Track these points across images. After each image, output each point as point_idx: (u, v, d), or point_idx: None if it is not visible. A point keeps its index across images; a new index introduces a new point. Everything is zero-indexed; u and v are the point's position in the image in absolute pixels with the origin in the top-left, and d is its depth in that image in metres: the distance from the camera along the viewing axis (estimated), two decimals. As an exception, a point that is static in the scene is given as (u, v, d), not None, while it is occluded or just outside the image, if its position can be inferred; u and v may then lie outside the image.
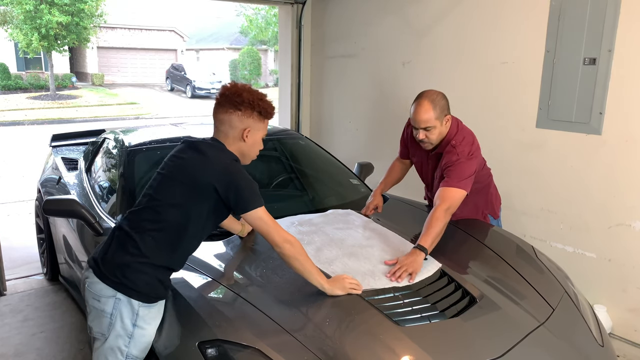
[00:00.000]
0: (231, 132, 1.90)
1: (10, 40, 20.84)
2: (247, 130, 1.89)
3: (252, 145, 1.94)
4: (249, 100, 1.87)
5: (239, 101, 1.86)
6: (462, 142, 2.54)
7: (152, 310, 1.83)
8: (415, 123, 2.52)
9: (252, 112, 1.88)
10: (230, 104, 1.88)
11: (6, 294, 3.77)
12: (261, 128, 1.94)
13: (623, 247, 3.12)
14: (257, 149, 1.98)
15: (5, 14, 19.70)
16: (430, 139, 2.54)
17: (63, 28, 19.86)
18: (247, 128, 1.89)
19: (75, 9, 19.89)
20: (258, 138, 1.95)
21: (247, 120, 1.89)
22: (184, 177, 1.83)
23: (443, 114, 2.50)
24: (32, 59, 23.73)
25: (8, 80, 22.30)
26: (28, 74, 23.71)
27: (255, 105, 1.88)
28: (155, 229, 1.80)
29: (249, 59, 28.65)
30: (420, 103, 2.49)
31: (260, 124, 1.93)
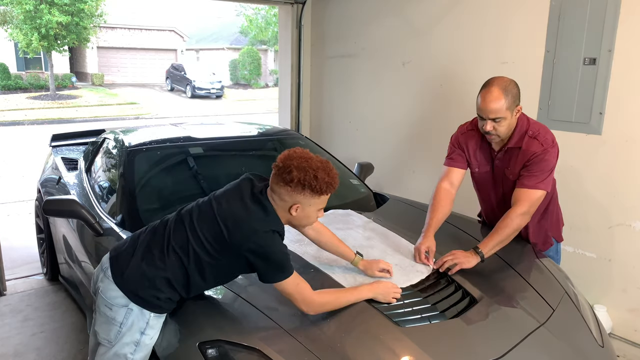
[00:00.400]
0: (280, 203, 1.74)
1: (10, 40, 20.84)
2: (295, 206, 1.73)
3: (303, 218, 1.78)
4: (299, 179, 1.68)
5: (288, 179, 1.69)
6: (541, 131, 2.30)
7: (161, 318, 1.83)
8: (483, 112, 2.26)
9: (302, 189, 1.69)
10: (281, 179, 1.71)
11: (6, 294, 3.77)
12: (315, 203, 1.75)
13: (623, 247, 3.12)
14: (312, 220, 1.82)
15: (5, 14, 19.70)
16: (498, 131, 2.28)
17: (63, 28, 19.86)
18: (297, 204, 1.73)
19: (75, 9, 19.89)
20: (310, 212, 1.77)
21: (296, 197, 1.71)
22: (222, 224, 1.72)
23: (515, 104, 2.25)
24: (32, 59, 23.72)
25: (8, 80, 22.29)
26: (28, 74, 23.71)
27: (307, 184, 1.69)
28: (183, 254, 1.74)
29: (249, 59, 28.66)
30: (490, 91, 2.24)
31: (314, 199, 1.73)
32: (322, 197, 1.74)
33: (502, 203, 2.49)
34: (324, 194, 1.73)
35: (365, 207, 2.96)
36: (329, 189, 1.73)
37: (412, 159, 4.38)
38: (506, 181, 2.44)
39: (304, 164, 1.70)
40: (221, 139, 3.30)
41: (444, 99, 4.03)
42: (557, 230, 2.66)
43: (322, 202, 1.77)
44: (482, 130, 2.34)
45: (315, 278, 2.04)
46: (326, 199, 1.77)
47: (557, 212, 2.66)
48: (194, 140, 3.10)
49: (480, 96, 2.28)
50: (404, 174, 4.46)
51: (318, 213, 1.80)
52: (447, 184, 2.53)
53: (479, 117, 2.33)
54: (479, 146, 2.51)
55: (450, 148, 2.61)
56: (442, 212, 2.45)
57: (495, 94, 2.22)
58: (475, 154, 2.52)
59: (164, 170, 2.94)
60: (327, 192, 1.73)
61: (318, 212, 1.79)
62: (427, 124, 4.20)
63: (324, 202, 1.78)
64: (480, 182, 2.61)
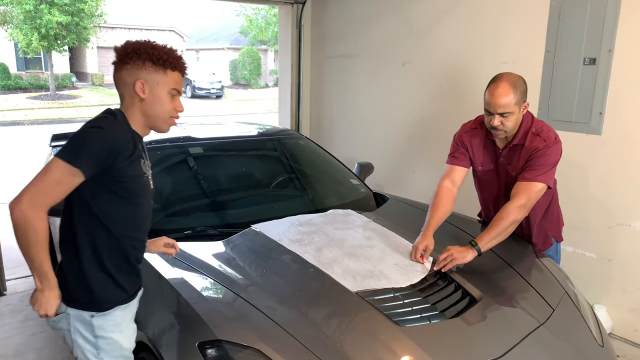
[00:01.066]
0: (125, 91, 1.61)
1: (10, 40, 20.86)
2: (139, 82, 1.58)
3: (155, 102, 1.61)
4: (134, 49, 1.58)
5: (123, 54, 1.60)
6: (544, 129, 2.33)
7: (109, 318, 1.66)
8: (492, 107, 2.25)
9: (142, 63, 1.58)
10: (118, 61, 1.61)
11: (6, 294, 3.77)
12: (162, 81, 1.60)
13: (623, 247, 3.12)
14: (167, 108, 1.64)
15: (5, 14, 19.71)
16: (505, 126, 2.28)
17: (63, 28, 19.87)
18: (139, 80, 1.58)
19: (75, 9, 19.90)
20: (160, 93, 1.61)
21: (138, 73, 1.59)
22: None
23: (523, 99, 2.27)
24: (32, 59, 23.74)
25: (8, 80, 22.31)
26: (28, 74, 23.72)
27: (144, 53, 1.57)
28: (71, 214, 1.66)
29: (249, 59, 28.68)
30: (499, 85, 2.24)
31: (159, 75, 1.60)
32: (168, 72, 1.61)
33: (504, 201, 2.49)
34: (167, 67, 1.60)
35: (365, 207, 2.96)
36: (171, 60, 1.60)
37: (412, 159, 4.38)
38: (509, 178, 2.44)
39: (141, 41, 1.63)
40: (221, 139, 3.30)
41: (444, 99, 4.03)
42: (557, 230, 2.67)
43: (170, 81, 1.62)
44: (488, 125, 2.34)
45: (315, 278, 2.04)
46: (175, 78, 1.63)
47: (558, 212, 2.67)
48: (194, 140, 3.10)
49: (489, 91, 2.28)
50: (404, 174, 4.46)
51: (173, 101, 1.65)
52: (449, 182, 2.52)
53: (487, 113, 2.32)
54: (484, 144, 2.51)
55: (454, 146, 2.60)
56: (442, 210, 2.43)
57: (505, 88, 2.23)
58: (479, 152, 2.51)
59: (164, 170, 2.94)
60: (170, 63, 1.60)
61: (173, 98, 1.64)
62: (427, 124, 4.20)
63: (174, 82, 1.63)
64: (483, 180, 2.60)
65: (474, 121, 2.58)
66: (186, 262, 2.12)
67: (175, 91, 1.65)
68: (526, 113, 2.37)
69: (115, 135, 1.55)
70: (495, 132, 2.35)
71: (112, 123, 1.57)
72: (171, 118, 1.67)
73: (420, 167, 4.33)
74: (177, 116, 1.69)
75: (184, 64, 1.67)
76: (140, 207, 1.69)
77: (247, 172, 3.25)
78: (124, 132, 1.58)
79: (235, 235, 2.41)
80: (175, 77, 1.64)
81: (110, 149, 1.52)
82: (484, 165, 2.53)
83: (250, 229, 2.45)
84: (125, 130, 1.59)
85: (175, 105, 1.66)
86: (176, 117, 1.69)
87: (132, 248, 1.70)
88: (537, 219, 2.51)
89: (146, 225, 1.77)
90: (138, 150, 1.64)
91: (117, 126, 1.57)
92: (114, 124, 1.57)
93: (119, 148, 1.54)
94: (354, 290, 1.96)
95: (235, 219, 2.69)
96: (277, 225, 2.50)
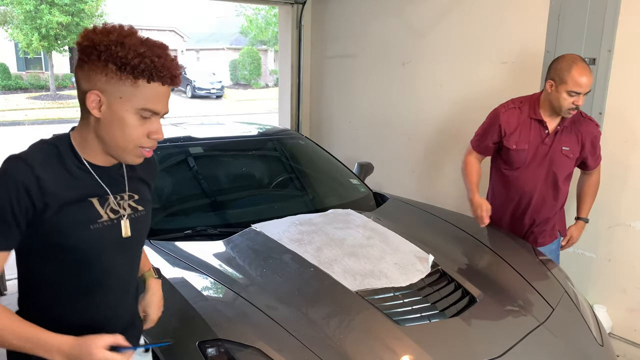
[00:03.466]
0: (80, 102, 1.16)
1: (11, 40, 20.85)
2: (93, 94, 1.10)
3: (113, 124, 1.12)
4: (94, 43, 1.07)
5: (79, 48, 1.11)
6: (586, 114, 2.59)
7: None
8: (581, 87, 2.36)
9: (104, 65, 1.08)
10: (78, 58, 1.12)
11: (6, 294, 3.77)
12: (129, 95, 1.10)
13: (623, 247, 3.12)
14: (133, 134, 1.13)
15: (6, 14, 19.71)
16: (579, 106, 2.42)
17: (63, 28, 19.87)
18: (93, 90, 1.10)
19: (76, 9, 19.90)
20: (122, 111, 1.11)
21: (95, 79, 1.09)
22: None
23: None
24: (32, 59, 23.73)
25: (8, 80, 22.31)
26: (28, 74, 23.72)
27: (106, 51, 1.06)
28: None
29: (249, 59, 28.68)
30: (585, 67, 2.37)
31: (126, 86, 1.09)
32: (140, 83, 1.08)
33: (542, 182, 2.59)
34: (140, 75, 1.07)
35: (365, 206, 2.96)
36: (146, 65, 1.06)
37: (412, 159, 4.38)
38: (561, 159, 2.55)
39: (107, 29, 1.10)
40: (221, 139, 3.30)
41: (444, 99, 4.03)
42: (563, 225, 2.81)
43: (142, 97, 1.10)
44: (569, 107, 2.41)
45: (315, 277, 2.04)
46: (152, 93, 1.10)
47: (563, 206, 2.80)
48: (194, 140, 3.10)
49: (577, 72, 2.35)
50: (404, 174, 4.46)
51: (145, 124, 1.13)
52: (474, 157, 2.77)
53: (570, 94, 2.38)
54: (522, 124, 2.59)
55: (484, 129, 2.71)
56: (477, 174, 2.72)
57: (588, 69, 2.37)
58: (516, 131, 2.59)
59: (164, 170, 2.94)
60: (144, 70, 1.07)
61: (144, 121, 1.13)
62: (427, 123, 4.20)
63: (149, 99, 1.10)
64: (519, 158, 2.61)
65: (512, 101, 2.68)
66: (186, 261, 2.13)
67: (148, 112, 1.12)
68: None
69: (19, 174, 1.10)
70: (570, 112, 2.45)
71: (17, 162, 1.12)
72: (140, 148, 1.16)
73: (420, 167, 4.33)
74: (149, 144, 1.16)
75: (171, 73, 1.11)
76: (94, 265, 1.22)
77: (247, 172, 3.25)
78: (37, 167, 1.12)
79: (235, 234, 2.41)
80: (151, 92, 1.11)
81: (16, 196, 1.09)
82: (519, 144, 2.58)
83: (250, 228, 2.45)
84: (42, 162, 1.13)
85: (149, 130, 1.14)
86: (148, 145, 1.16)
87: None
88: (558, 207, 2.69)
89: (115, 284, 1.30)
90: (84, 187, 1.18)
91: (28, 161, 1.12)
92: (22, 161, 1.12)
93: (26, 188, 1.09)
94: (354, 290, 1.96)
95: (236, 219, 2.69)
96: (277, 225, 2.50)
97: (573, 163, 2.60)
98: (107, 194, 1.23)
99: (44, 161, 1.14)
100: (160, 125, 1.18)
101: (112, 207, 1.23)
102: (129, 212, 1.27)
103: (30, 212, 1.11)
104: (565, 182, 2.62)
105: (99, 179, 1.21)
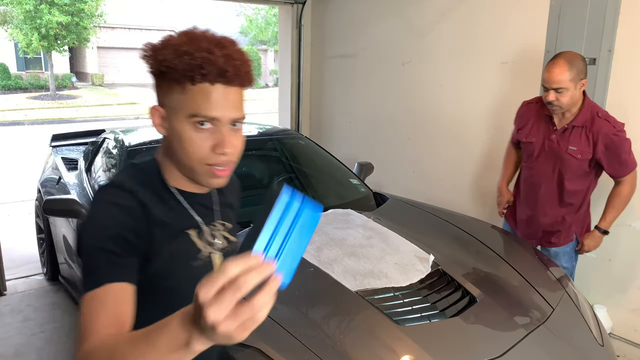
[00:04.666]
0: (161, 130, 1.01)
1: (10, 40, 20.87)
2: (157, 110, 0.99)
3: (175, 138, 0.97)
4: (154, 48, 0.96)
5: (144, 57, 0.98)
6: (611, 116, 2.45)
7: None
8: (547, 83, 2.39)
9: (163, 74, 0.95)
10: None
11: (6, 294, 3.77)
12: (179, 103, 0.94)
13: (623, 247, 3.12)
14: (194, 149, 0.95)
15: (5, 14, 19.72)
16: (560, 102, 2.40)
17: (63, 28, 19.88)
18: (159, 107, 0.99)
19: (75, 9, 19.92)
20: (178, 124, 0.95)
21: (160, 94, 0.99)
22: None
23: (579, 77, 2.37)
24: (32, 59, 23.74)
25: (8, 80, 22.31)
26: (28, 74, 23.72)
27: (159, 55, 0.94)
28: None
29: (249, 59, 28.66)
30: (556, 62, 2.38)
31: (176, 94, 0.94)
32: (187, 87, 0.92)
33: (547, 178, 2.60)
34: (187, 78, 0.91)
35: (365, 206, 2.96)
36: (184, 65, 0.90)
37: (412, 159, 4.38)
38: (566, 158, 2.52)
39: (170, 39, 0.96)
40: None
41: (443, 99, 4.03)
42: (581, 230, 2.73)
43: (191, 101, 0.92)
44: (545, 101, 2.46)
45: (315, 277, 2.04)
46: (200, 96, 0.92)
47: (589, 206, 2.73)
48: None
49: (546, 67, 2.42)
50: (404, 174, 4.46)
51: (205, 135, 0.94)
52: (511, 147, 2.91)
53: (544, 88, 2.45)
54: (536, 117, 2.64)
55: (514, 121, 2.82)
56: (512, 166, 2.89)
57: (560, 64, 2.36)
58: (529, 123, 2.67)
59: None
60: (183, 71, 0.91)
61: (201, 131, 0.94)
62: (427, 124, 4.20)
63: (198, 103, 0.92)
64: (528, 151, 2.69)
65: (535, 97, 2.77)
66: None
67: (201, 118, 0.93)
68: (589, 99, 2.50)
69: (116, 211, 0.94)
70: (551, 108, 2.47)
71: (115, 192, 0.98)
72: (209, 166, 0.97)
73: (420, 167, 4.33)
74: (217, 161, 0.96)
75: (220, 68, 0.91)
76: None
77: (247, 171, 3.25)
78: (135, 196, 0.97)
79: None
80: (200, 94, 0.92)
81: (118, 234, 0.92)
82: (528, 137, 2.66)
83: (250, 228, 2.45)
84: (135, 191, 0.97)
85: (212, 142, 0.95)
86: (216, 162, 0.97)
87: None
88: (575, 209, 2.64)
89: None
90: (179, 217, 1.03)
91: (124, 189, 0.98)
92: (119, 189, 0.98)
93: (131, 214, 0.95)
94: (354, 290, 1.96)
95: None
96: (277, 225, 2.49)
97: (583, 164, 2.50)
98: (201, 224, 1.07)
99: (140, 187, 0.99)
100: (224, 136, 0.95)
101: (207, 239, 1.07)
102: (225, 244, 1.11)
103: (137, 241, 0.93)
104: (574, 183, 2.55)
105: (190, 207, 1.05)
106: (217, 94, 0.93)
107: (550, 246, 2.66)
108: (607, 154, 2.44)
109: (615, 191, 2.56)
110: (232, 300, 0.58)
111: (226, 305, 0.58)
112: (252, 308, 0.59)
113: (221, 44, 0.95)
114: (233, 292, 0.58)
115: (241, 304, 0.59)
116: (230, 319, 0.58)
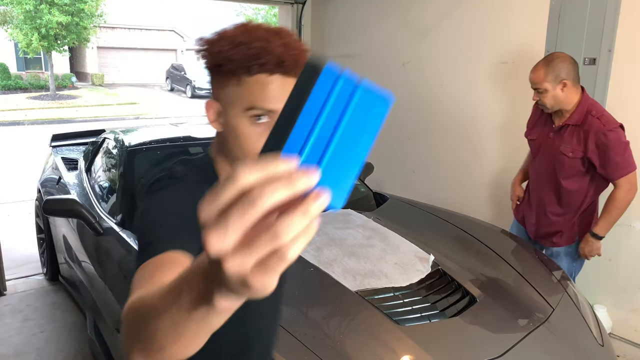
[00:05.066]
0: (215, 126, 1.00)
1: (10, 40, 20.86)
2: (214, 106, 0.97)
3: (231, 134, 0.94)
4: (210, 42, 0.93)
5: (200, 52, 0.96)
6: (605, 114, 2.42)
7: None
8: (530, 82, 2.50)
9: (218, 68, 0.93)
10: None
11: (6, 294, 3.77)
12: (235, 95, 0.92)
13: (623, 247, 3.12)
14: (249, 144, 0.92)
15: (5, 14, 19.72)
16: (543, 102, 2.47)
17: (63, 28, 19.87)
18: (215, 103, 0.97)
19: (75, 9, 19.90)
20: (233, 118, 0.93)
21: (214, 88, 0.98)
22: None
23: (558, 79, 2.40)
24: (32, 59, 23.73)
25: (8, 80, 22.30)
26: (28, 74, 23.71)
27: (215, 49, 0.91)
28: None
29: (249, 59, 28.66)
30: (537, 64, 2.48)
31: (231, 87, 0.92)
32: (244, 78, 0.90)
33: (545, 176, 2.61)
34: (242, 70, 0.89)
35: (365, 206, 2.96)
36: (240, 55, 0.87)
37: (412, 158, 4.38)
38: (559, 157, 2.52)
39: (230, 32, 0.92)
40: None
41: (444, 99, 4.03)
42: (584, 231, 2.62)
43: (247, 94, 0.90)
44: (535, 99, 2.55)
45: (315, 277, 2.04)
46: (259, 85, 0.89)
47: (594, 209, 2.63)
48: (194, 140, 3.10)
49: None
50: (404, 174, 4.46)
51: (262, 129, 0.91)
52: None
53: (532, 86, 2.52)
54: (539, 115, 2.69)
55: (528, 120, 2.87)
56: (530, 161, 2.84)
57: (538, 66, 2.46)
58: (533, 120, 2.76)
59: (164, 170, 2.94)
60: (239, 62, 0.88)
61: (258, 126, 0.91)
62: (427, 124, 4.20)
63: (256, 96, 0.89)
64: (535, 145, 2.73)
65: None
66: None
67: (258, 111, 0.90)
68: (587, 96, 2.49)
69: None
70: (542, 107, 2.54)
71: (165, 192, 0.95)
72: None
73: (420, 167, 4.33)
74: None
75: (278, 57, 0.88)
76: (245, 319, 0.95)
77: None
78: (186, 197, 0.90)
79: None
80: (257, 86, 0.90)
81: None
82: (530, 134, 2.75)
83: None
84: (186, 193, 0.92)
85: (255, 130, 0.93)
86: None
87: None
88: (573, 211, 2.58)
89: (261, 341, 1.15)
90: None
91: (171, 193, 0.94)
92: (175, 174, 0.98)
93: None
94: (353, 290, 1.96)
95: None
96: (277, 225, 2.49)
97: (575, 163, 2.46)
98: None
99: (197, 181, 0.94)
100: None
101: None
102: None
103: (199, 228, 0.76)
104: (569, 182, 2.51)
105: None
106: (275, 86, 0.89)
107: (552, 246, 2.65)
108: (598, 153, 2.38)
109: (610, 195, 2.48)
110: (241, 222, 0.38)
111: (232, 228, 0.38)
112: (275, 235, 0.39)
113: (278, 33, 0.90)
114: (243, 209, 0.38)
115: (258, 229, 0.39)
116: (240, 251, 0.38)
